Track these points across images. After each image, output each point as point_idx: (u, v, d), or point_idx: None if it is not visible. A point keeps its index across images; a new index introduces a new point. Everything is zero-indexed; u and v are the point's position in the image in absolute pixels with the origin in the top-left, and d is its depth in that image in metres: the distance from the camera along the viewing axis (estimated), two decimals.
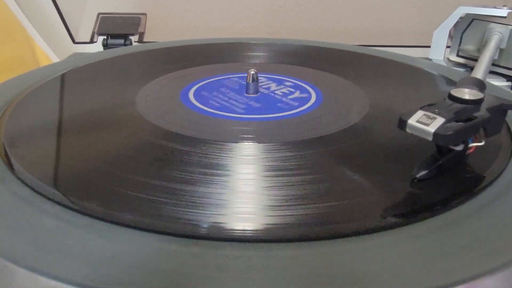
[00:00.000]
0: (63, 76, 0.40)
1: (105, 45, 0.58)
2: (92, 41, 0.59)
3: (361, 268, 0.18)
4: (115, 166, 0.25)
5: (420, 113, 0.24)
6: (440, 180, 0.24)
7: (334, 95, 0.37)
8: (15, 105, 0.33)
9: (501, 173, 0.25)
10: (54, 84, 0.39)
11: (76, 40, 0.68)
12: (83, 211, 0.21)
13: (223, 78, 0.40)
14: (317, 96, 0.36)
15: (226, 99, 0.35)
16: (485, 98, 0.25)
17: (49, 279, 0.17)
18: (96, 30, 0.59)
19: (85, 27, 0.67)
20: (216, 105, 0.34)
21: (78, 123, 0.31)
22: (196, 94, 0.36)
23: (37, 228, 0.20)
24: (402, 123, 0.24)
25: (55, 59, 0.66)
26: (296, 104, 0.35)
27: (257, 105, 0.34)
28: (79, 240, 0.19)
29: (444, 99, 0.25)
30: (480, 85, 0.29)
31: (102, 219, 0.21)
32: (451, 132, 0.22)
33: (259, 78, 0.37)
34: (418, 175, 0.24)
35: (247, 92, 0.37)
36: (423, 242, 0.20)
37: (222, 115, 0.32)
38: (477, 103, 0.25)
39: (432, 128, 0.23)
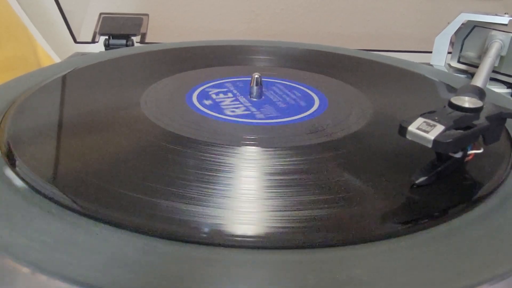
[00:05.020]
0: (66, 76, 0.40)
1: (107, 45, 0.58)
2: (93, 41, 0.59)
3: (359, 275, 0.18)
4: (119, 167, 0.25)
5: (420, 120, 0.24)
6: (442, 189, 0.24)
7: (337, 100, 0.37)
8: (19, 104, 0.33)
9: (502, 182, 0.25)
10: (57, 84, 0.39)
11: (77, 40, 0.68)
12: (84, 212, 0.21)
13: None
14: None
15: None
16: (484, 106, 0.25)
17: (50, 278, 0.17)
18: (97, 30, 0.59)
19: (87, 27, 0.67)
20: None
21: (81, 123, 0.31)
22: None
23: (39, 228, 0.20)
24: (403, 130, 0.24)
25: (56, 58, 0.66)
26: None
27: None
28: (80, 240, 0.19)
29: (444, 106, 0.25)
30: (480, 93, 0.29)
31: (103, 220, 0.21)
32: (450, 140, 0.22)
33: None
34: (417, 181, 0.24)
35: (251, 96, 0.37)
36: (423, 251, 0.20)
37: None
38: (476, 111, 0.25)
39: (432, 136, 0.23)
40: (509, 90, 0.51)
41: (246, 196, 0.23)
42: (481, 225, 0.22)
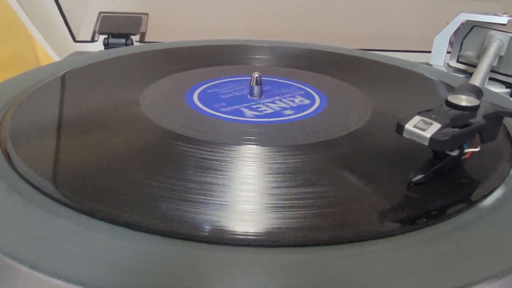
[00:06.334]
0: (65, 75, 0.40)
1: (106, 45, 0.58)
2: (93, 40, 0.59)
3: (357, 274, 0.18)
4: (118, 166, 0.25)
5: (417, 118, 0.24)
6: (440, 187, 0.24)
7: (337, 99, 0.37)
8: (18, 104, 0.33)
9: (501, 181, 0.25)
10: (56, 83, 0.39)
11: (77, 39, 0.68)
12: (84, 210, 0.21)
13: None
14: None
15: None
16: (481, 105, 0.25)
17: (49, 278, 0.17)
18: (97, 29, 0.59)
19: (86, 25, 0.68)
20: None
21: (81, 122, 0.31)
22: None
23: (39, 227, 0.20)
24: (400, 128, 0.24)
25: (55, 57, 0.66)
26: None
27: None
28: (79, 240, 0.19)
29: (441, 105, 0.25)
30: (477, 92, 0.29)
31: (102, 219, 0.21)
32: (447, 138, 0.22)
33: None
34: (414, 179, 0.24)
35: (250, 95, 0.37)
36: (421, 250, 0.20)
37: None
38: (473, 109, 0.25)
39: (428, 134, 0.23)
40: (507, 90, 0.51)
41: (247, 194, 0.23)
42: (480, 224, 0.22)
